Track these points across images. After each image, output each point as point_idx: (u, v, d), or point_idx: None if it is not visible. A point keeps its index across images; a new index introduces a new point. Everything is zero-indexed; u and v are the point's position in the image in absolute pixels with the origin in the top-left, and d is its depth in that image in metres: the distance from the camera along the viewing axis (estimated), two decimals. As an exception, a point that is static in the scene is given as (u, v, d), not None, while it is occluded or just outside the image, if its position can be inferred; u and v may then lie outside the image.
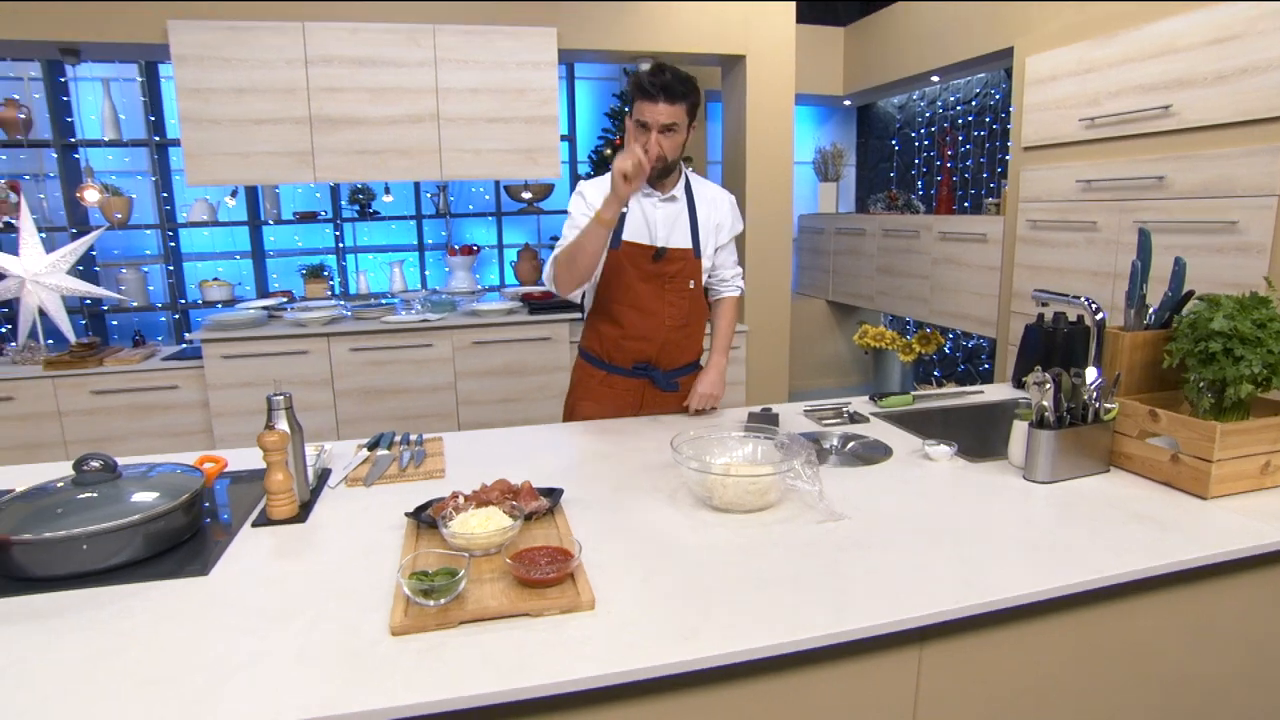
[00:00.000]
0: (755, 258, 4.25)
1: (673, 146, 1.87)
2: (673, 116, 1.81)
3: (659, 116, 1.80)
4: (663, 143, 1.83)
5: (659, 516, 1.40)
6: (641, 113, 1.82)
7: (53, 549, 1.22)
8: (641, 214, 1.97)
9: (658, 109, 1.80)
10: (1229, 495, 1.39)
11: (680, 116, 1.83)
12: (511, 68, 3.70)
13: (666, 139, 1.84)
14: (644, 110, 1.81)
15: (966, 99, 4.48)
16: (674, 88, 1.80)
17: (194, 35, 3.35)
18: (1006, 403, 2.09)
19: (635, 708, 1.02)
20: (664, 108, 1.80)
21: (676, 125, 1.83)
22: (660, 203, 1.99)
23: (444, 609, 1.08)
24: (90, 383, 3.55)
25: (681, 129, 1.86)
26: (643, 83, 1.81)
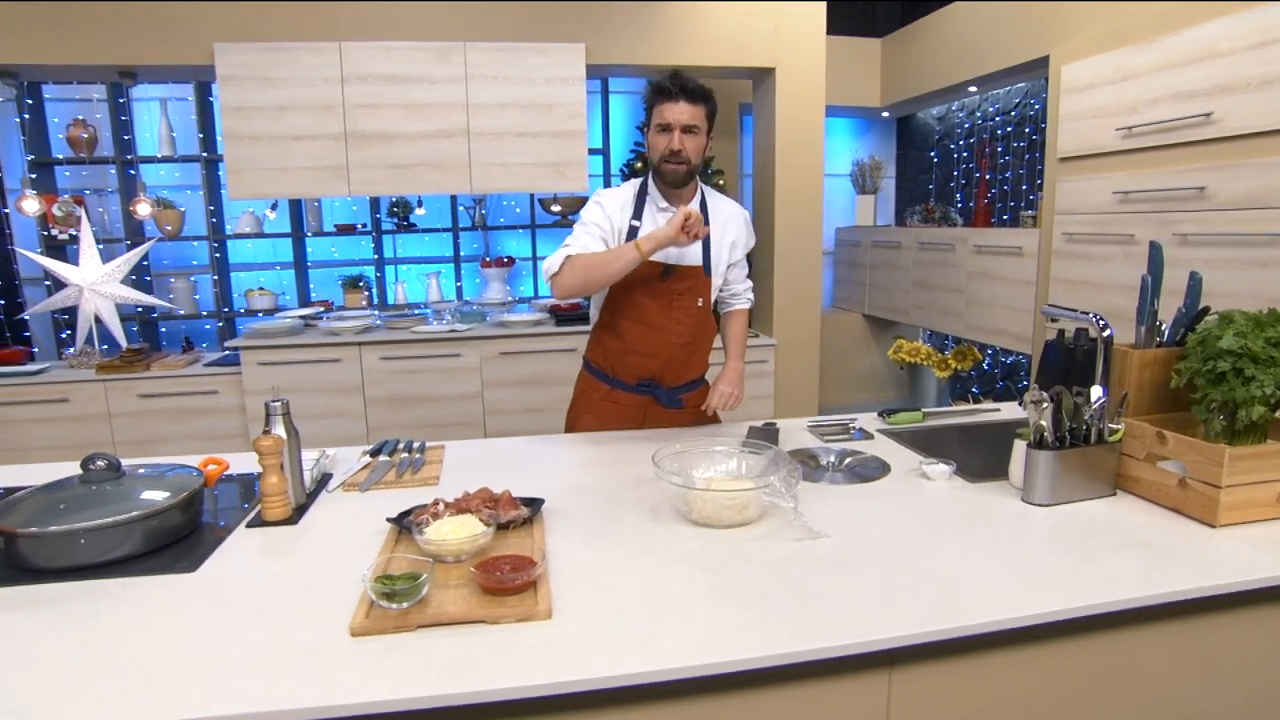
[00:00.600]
0: (785, 271, 4.21)
1: (695, 148, 1.85)
2: (694, 117, 1.82)
3: (680, 116, 1.81)
4: (685, 142, 1.83)
5: (637, 529, 1.40)
6: (662, 114, 1.82)
7: (54, 542, 1.29)
8: (654, 227, 1.93)
9: (679, 108, 1.80)
10: (1240, 524, 1.31)
11: (701, 118, 1.84)
12: (540, 83, 3.76)
13: (689, 139, 1.83)
14: (665, 111, 1.82)
15: (1006, 109, 4.36)
16: (694, 89, 1.82)
17: (238, 56, 3.51)
18: (1022, 422, 2.02)
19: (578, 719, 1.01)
20: (685, 107, 1.80)
21: (697, 126, 1.83)
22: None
23: (405, 613, 1.10)
24: (137, 386, 3.72)
25: (702, 132, 1.86)
26: (662, 85, 1.82)
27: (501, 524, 1.37)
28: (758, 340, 4.23)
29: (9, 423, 3.67)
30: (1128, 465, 1.48)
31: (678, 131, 1.82)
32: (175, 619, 1.13)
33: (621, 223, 1.95)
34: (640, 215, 1.95)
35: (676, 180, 1.89)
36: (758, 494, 1.36)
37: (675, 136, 1.82)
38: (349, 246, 4.91)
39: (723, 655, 1.00)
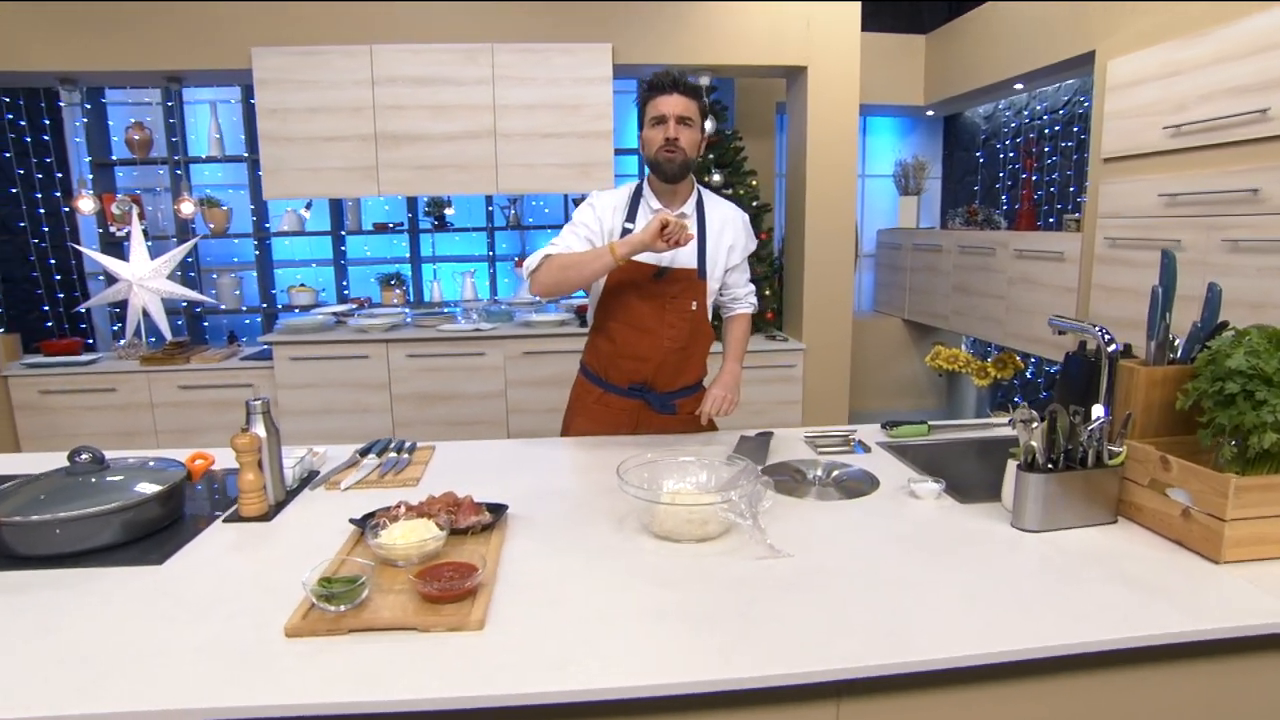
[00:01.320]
0: (815, 273, 4.11)
1: (690, 141, 1.84)
2: (688, 109, 1.82)
3: (675, 107, 1.81)
4: (680, 133, 1.82)
5: (598, 540, 1.36)
6: (657, 107, 1.82)
7: (32, 531, 1.33)
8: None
9: (673, 100, 1.81)
10: (1246, 562, 1.20)
11: (694, 112, 1.84)
12: (567, 84, 3.76)
13: (684, 131, 1.82)
14: (659, 104, 1.82)
15: (1054, 108, 4.16)
16: (686, 84, 1.83)
17: (274, 60, 3.61)
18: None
19: None
20: (679, 99, 1.81)
21: (692, 119, 1.83)
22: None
23: (340, 616, 1.10)
24: (178, 378, 3.88)
25: (696, 125, 1.85)
26: (655, 80, 1.83)
27: (460, 529, 1.36)
28: (786, 345, 4.14)
29: (64, 409, 3.87)
30: (1130, 491, 1.38)
31: (672, 122, 1.81)
32: (130, 611, 1.15)
33: (614, 224, 1.92)
34: (634, 217, 1.92)
35: (672, 172, 1.85)
36: (717, 509, 1.31)
37: (670, 126, 1.81)
38: (387, 245, 5.01)
39: (647, 679, 0.95)
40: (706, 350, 2.07)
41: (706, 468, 1.49)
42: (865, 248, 5.59)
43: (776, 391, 4.17)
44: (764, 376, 4.14)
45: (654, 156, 1.86)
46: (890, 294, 5.27)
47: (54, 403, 3.83)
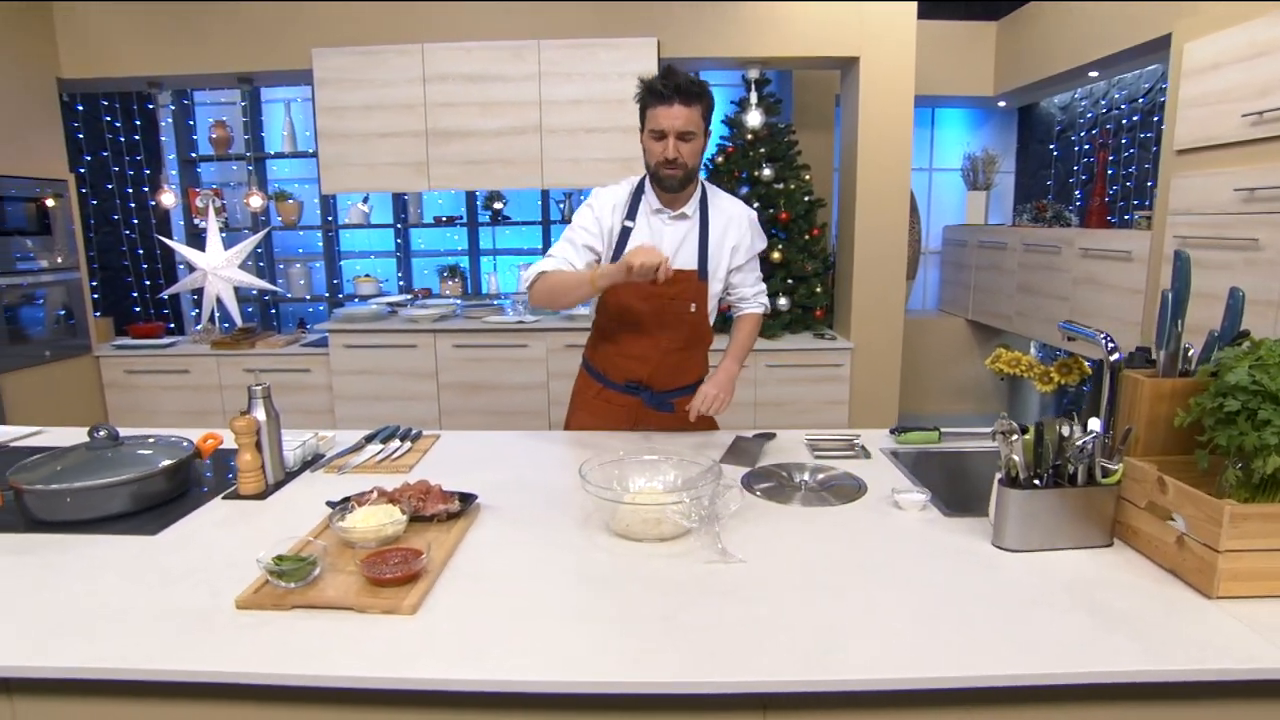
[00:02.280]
0: (865, 270, 3.97)
1: (691, 153, 1.78)
2: (689, 121, 1.73)
3: (675, 121, 1.72)
4: (681, 149, 1.75)
5: (558, 535, 1.37)
6: (656, 120, 1.74)
7: (47, 499, 1.45)
8: (649, 231, 1.88)
9: (673, 112, 1.72)
10: (1243, 598, 1.08)
11: (697, 121, 1.74)
12: (612, 79, 3.76)
13: (685, 145, 1.75)
14: (659, 116, 1.73)
15: (1133, 96, 3.86)
16: (688, 89, 1.71)
17: (332, 60, 3.77)
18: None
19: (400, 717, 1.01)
20: (680, 110, 1.71)
21: (693, 131, 1.74)
22: (670, 220, 1.88)
23: (289, 592, 1.15)
24: (243, 362, 4.12)
25: (699, 134, 1.77)
26: (655, 86, 1.73)
27: (424, 517, 1.39)
28: (833, 344, 4.02)
29: (145, 388, 4.18)
30: (1127, 513, 1.27)
31: (672, 139, 1.73)
32: (115, 575, 1.24)
33: (613, 222, 1.89)
34: (634, 215, 1.89)
35: (673, 187, 1.82)
36: (666, 509, 1.29)
37: (670, 144, 1.74)
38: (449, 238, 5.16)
39: (557, 676, 0.95)
40: (706, 351, 2.03)
41: (676, 467, 1.46)
42: (931, 244, 5.36)
43: (823, 391, 4.06)
44: (810, 376, 4.04)
45: (654, 169, 1.81)
46: (955, 293, 5.04)
47: (137, 381, 4.15)
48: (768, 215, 4.24)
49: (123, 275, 4.65)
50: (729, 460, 1.75)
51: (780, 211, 4.22)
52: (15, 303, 3.68)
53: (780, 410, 4.11)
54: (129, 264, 4.65)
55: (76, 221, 4.04)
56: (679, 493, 1.35)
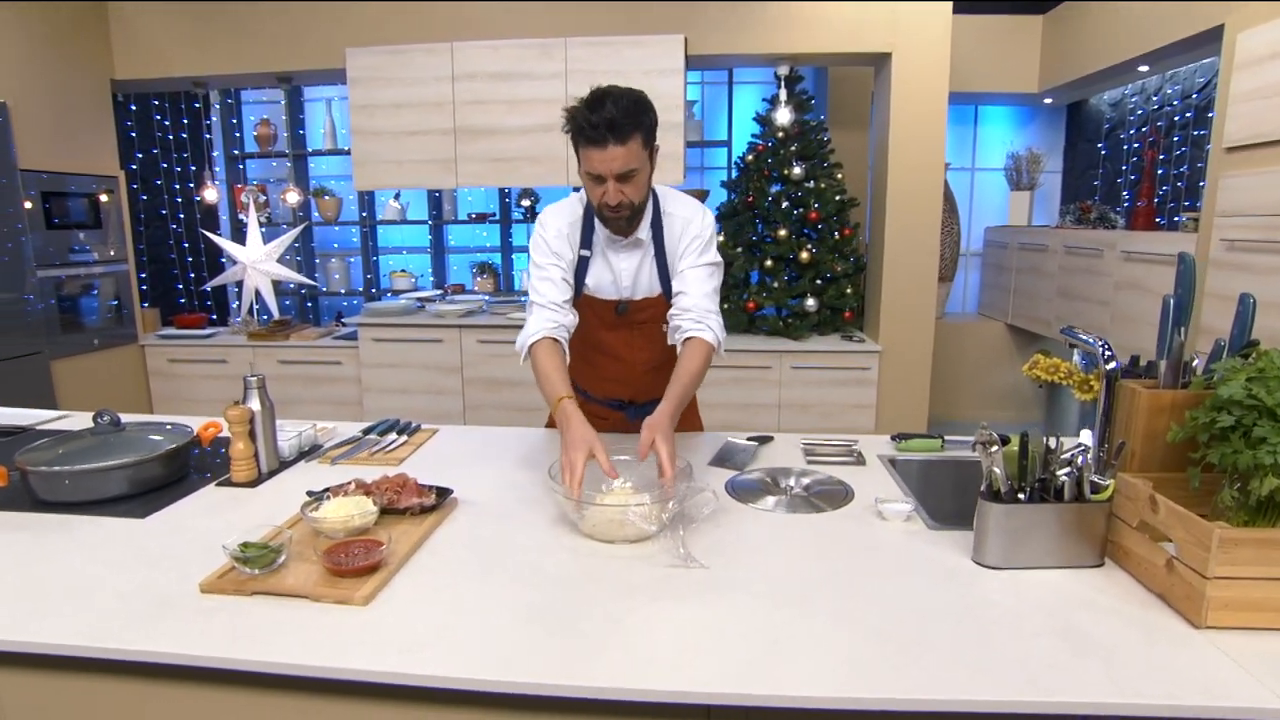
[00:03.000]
0: (894, 273, 3.86)
1: (636, 190, 1.54)
2: (628, 161, 1.48)
3: (611, 165, 1.47)
4: (624, 190, 1.52)
5: (527, 534, 1.36)
6: (590, 162, 1.50)
7: (48, 480, 1.50)
8: (605, 263, 1.72)
9: (607, 155, 1.46)
10: (1233, 629, 1.00)
11: (636, 156, 1.49)
12: (638, 76, 3.74)
13: (629, 186, 1.52)
14: (592, 159, 1.49)
15: (1187, 92, 3.65)
16: (621, 123, 1.45)
17: (364, 59, 3.85)
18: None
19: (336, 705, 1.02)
20: (616, 151, 1.46)
21: (635, 170, 1.50)
22: (623, 250, 1.70)
23: (252, 578, 1.17)
24: (278, 353, 4.24)
25: (642, 168, 1.53)
26: (582, 124, 1.46)
27: (395, 510, 1.40)
28: (861, 346, 3.92)
29: (186, 377, 4.35)
30: (1120, 532, 1.19)
31: (612, 182, 1.50)
32: (97, 556, 1.28)
33: (571, 255, 1.70)
34: (589, 243, 1.70)
35: (620, 229, 1.62)
36: (629, 512, 1.26)
37: (610, 188, 1.51)
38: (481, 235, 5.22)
39: (485, 674, 0.94)
40: None
41: (652, 468, 1.43)
42: (972, 246, 5.19)
43: (849, 394, 3.97)
44: (836, 378, 3.95)
45: (598, 211, 1.60)
46: (994, 296, 4.87)
47: (179, 370, 4.32)
48: (797, 215, 4.17)
49: (170, 268, 4.84)
50: (718, 464, 1.72)
51: (810, 210, 4.15)
52: (68, 293, 3.86)
53: (805, 413, 4.03)
54: (175, 257, 4.84)
55: (126, 216, 4.21)
56: (642, 494, 1.32)
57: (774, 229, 4.23)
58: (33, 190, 3.63)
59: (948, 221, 4.69)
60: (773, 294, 4.25)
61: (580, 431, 1.42)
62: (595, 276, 1.74)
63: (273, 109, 5.07)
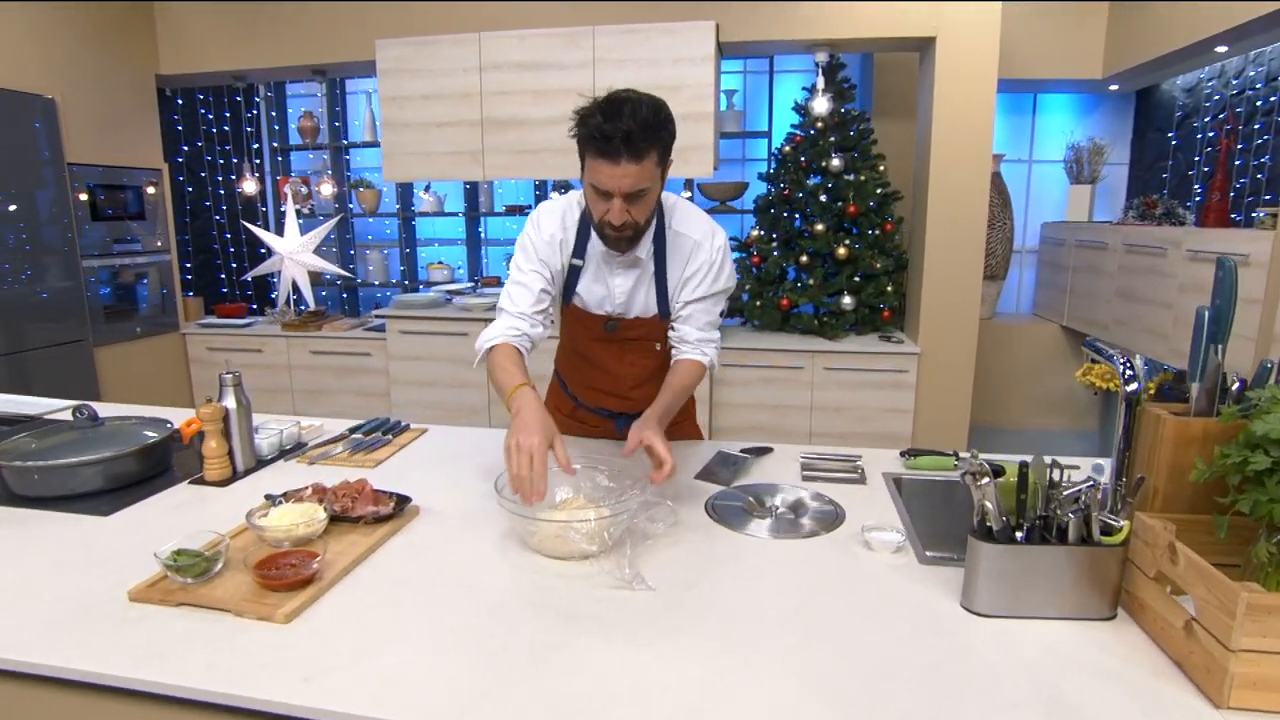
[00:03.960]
0: (935, 272, 3.64)
1: (644, 210, 1.42)
2: (640, 179, 1.34)
3: (622, 183, 1.34)
4: (631, 211, 1.39)
5: (475, 549, 1.28)
6: (598, 176, 1.36)
7: (15, 475, 1.50)
8: (599, 275, 1.60)
9: (618, 171, 1.32)
10: (1265, 714, 0.84)
11: (649, 175, 1.36)
12: (667, 64, 3.61)
13: (636, 207, 1.39)
14: (601, 174, 1.35)
15: (1273, 75, 3.31)
16: (638, 138, 1.30)
17: (394, 51, 3.83)
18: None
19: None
20: (629, 169, 1.32)
21: (646, 189, 1.37)
22: (619, 268, 1.58)
23: (182, 588, 1.12)
24: (310, 344, 4.29)
25: (654, 187, 1.40)
26: (594, 132, 1.32)
27: (350, 518, 1.33)
28: (900, 348, 3.72)
29: (223, 365, 4.43)
30: (1137, 582, 1.03)
31: (618, 200, 1.36)
32: (46, 555, 1.26)
33: (561, 261, 1.59)
34: (582, 252, 1.58)
35: (622, 250, 1.51)
36: (569, 530, 1.16)
37: (616, 207, 1.37)
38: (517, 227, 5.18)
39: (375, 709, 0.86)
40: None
41: (615, 478, 1.33)
42: (1028, 242, 4.88)
43: (886, 398, 3.77)
44: (873, 380, 3.76)
45: (597, 227, 1.48)
46: (1050, 296, 4.57)
47: (217, 359, 4.41)
48: (835, 209, 3.98)
49: (214, 258, 4.96)
50: (704, 477, 1.60)
51: (849, 204, 3.95)
52: (112, 283, 3.98)
53: (838, 416, 3.85)
54: (218, 247, 4.95)
55: (169, 208, 4.32)
56: (586, 510, 1.23)
57: (811, 223, 4.05)
58: (80, 183, 3.74)
59: (1000, 217, 4.42)
60: (808, 291, 4.08)
61: (539, 417, 1.28)
62: (586, 288, 1.63)
63: (315, 102, 5.14)
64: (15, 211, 3.46)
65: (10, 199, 3.43)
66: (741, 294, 4.23)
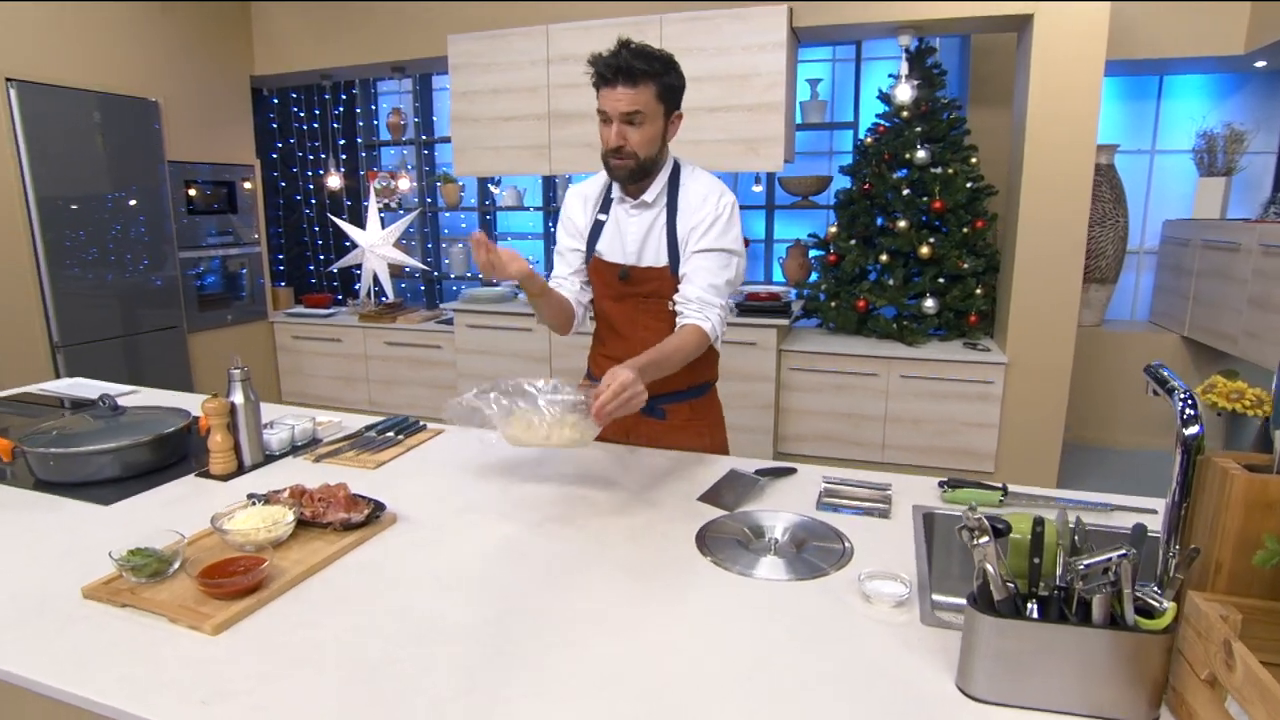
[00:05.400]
0: (1026, 272, 3.30)
1: (642, 140, 1.55)
2: (634, 103, 1.51)
3: (618, 104, 1.52)
4: (628, 135, 1.55)
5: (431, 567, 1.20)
6: (600, 102, 1.56)
7: (39, 461, 1.55)
8: (615, 224, 1.72)
9: (615, 94, 1.52)
10: None
11: (645, 102, 1.52)
12: (736, 52, 3.44)
13: (633, 131, 1.55)
14: (602, 99, 1.55)
15: None
16: (633, 68, 1.49)
17: (465, 45, 3.85)
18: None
19: None
20: (623, 92, 1.51)
21: (640, 113, 1.53)
22: (632, 210, 1.69)
23: (130, 589, 1.10)
24: (385, 335, 4.41)
25: (651, 117, 1.54)
26: (598, 65, 1.54)
27: (320, 524, 1.29)
28: (986, 356, 3.40)
29: (306, 353, 4.65)
30: (1185, 679, 0.82)
31: (616, 123, 1.54)
32: (35, 543, 1.29)
33: (587, 219, 1.76)
34: (607, 208, 1.73)
35: (622, 178, 1.63)
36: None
37: (614, 129, 1.54)
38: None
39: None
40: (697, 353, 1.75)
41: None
42: (1147, 242, 4.37)
43: (968, 410, 3.47)
44: (953, 391, 3.46)
45: (604, 161, 1.63)
46: (1170, 303, 4.06)
47: (300, 347, 4.62)
48: (920, 204, 3.69)
49: (305, 250, 5.19)
50: (708, 499, 1.46)
51: (935, 199, 3.65)
52: (206, 273, 4.24)
53: (915, 429, 3.58)
54: (308, 240, 5.18)
55: (259, 202, 4.55)
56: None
57: (893, 220, 3.78)
58: (178, 179, 3.99)
59: (1111, 213, 3.97)
60: (888, 292, 3.80)
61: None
62: (607, 238, 1.73)
63: (405, 99, 5.29)
64: (125, 207, 3.73)
65: (122, 195, 3.70)
66: (819, 294, 4.01)
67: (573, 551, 1.25)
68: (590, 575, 1.17)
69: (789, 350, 3.68)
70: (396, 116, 5.17)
